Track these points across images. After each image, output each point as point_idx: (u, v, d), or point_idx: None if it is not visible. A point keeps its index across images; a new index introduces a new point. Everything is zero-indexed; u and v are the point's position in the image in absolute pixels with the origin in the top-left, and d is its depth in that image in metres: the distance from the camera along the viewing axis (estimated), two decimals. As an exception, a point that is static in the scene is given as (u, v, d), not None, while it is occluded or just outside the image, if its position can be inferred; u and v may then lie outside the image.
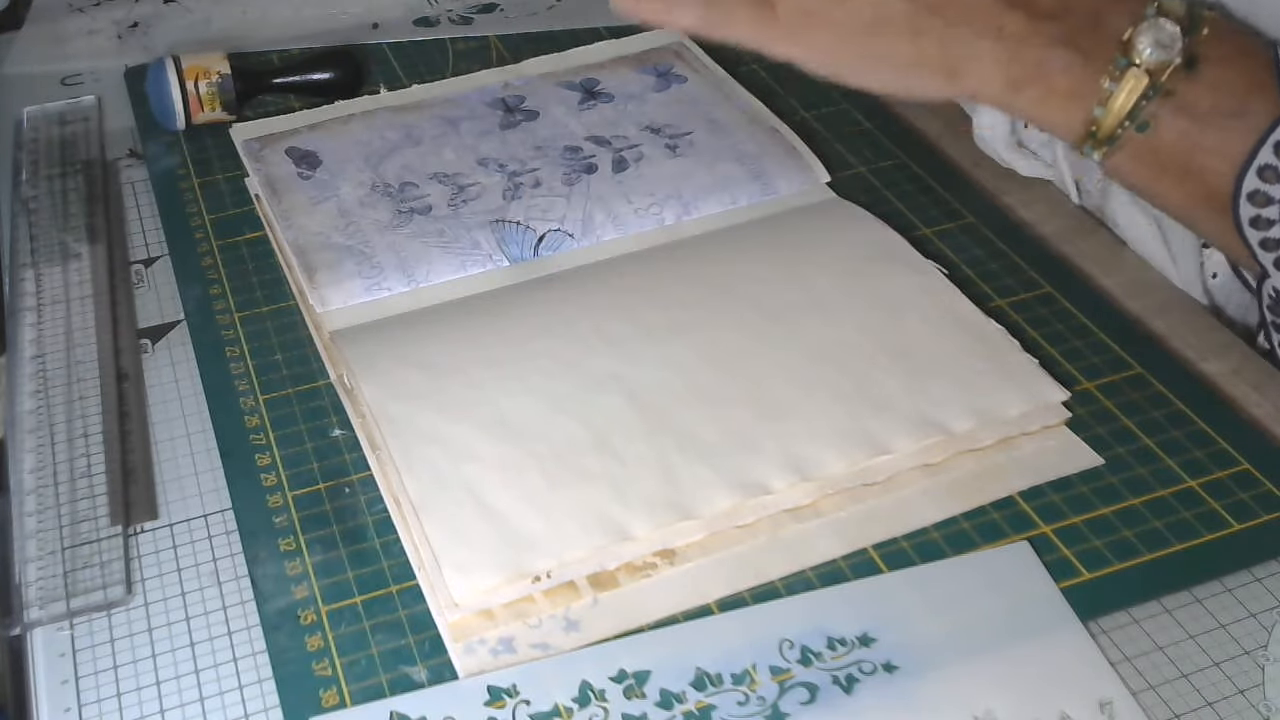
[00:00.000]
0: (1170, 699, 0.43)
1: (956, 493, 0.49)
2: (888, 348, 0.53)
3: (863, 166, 0.67)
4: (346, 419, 0.52)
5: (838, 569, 0.47)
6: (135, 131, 0.70)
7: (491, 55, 0.75)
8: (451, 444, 0.49)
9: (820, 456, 0.49)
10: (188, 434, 0.53)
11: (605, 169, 0.63)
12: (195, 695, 0.43)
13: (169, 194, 0.65)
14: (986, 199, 0.64)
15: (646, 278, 0.57)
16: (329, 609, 0.45)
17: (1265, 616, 0.45)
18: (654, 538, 0.46)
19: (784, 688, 0.43)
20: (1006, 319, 0.56)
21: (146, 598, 0.46)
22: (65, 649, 0.45)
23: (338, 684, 0.43)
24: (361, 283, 0.57)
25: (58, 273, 0.60)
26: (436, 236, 0.59)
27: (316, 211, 0.61)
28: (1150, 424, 0.52)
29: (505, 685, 0.43)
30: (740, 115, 0.67)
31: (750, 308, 0.55)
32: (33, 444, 0.51)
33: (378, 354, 0.53)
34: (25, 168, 0.67)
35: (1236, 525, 0.48)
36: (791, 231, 0.60)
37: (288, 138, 0.66)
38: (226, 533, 0.49)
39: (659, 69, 0.71)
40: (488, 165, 0.64)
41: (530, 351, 0.53)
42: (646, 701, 0.42)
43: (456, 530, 0.46)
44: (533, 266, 0.59)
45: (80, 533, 0.48)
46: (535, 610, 0.45)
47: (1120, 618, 0.45)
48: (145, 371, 0.56)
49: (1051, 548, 0.47)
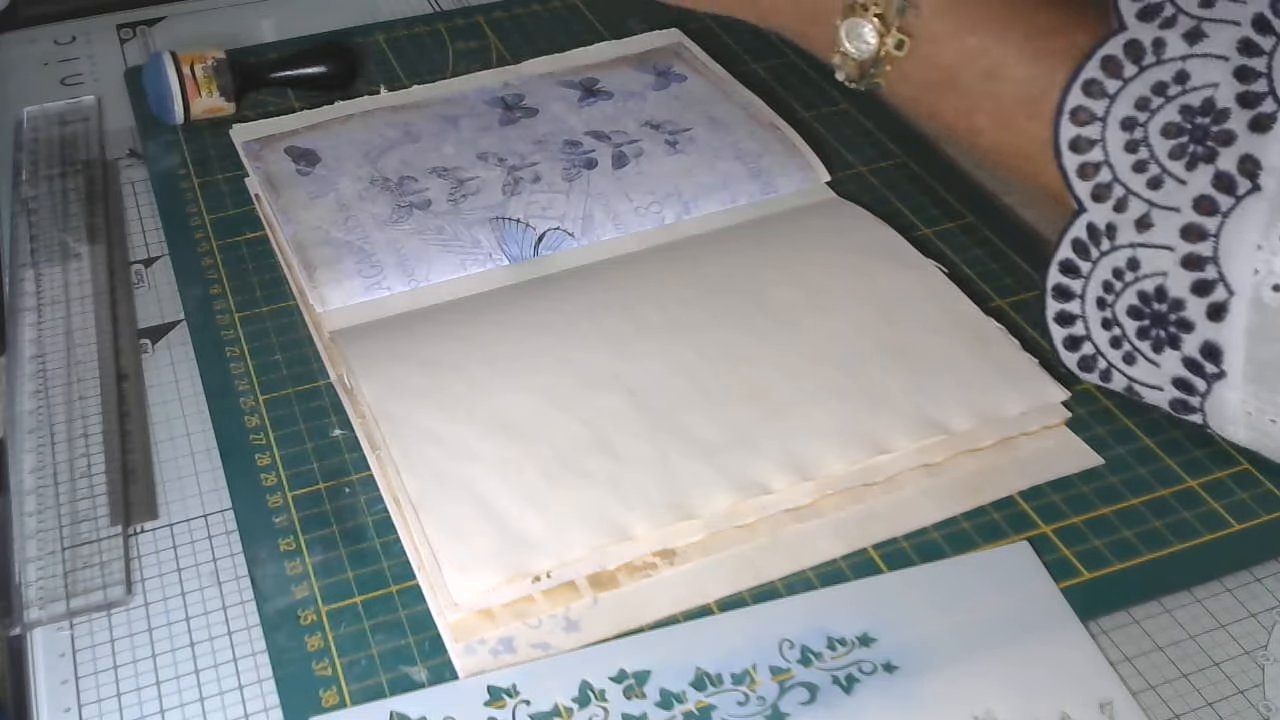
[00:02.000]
0: (1170, 699, 0.43)
1: (956, 493, 0.49)
2: (888, 347, 0.53)
3: (863, 166, 0.67)
4: (346, 419, 0.52)
5: (838, 569, 0.47)
6: (135, 131, 0.70)
7: (492, 56, 0.75)
8: (451, 443, 0.49)
9: (820, 456, 0.49)
10: (188, 434, 0.53)
11: (605, 165, 0.63)
12: (195, 695, 0.43)
13: (169, 194, 0.65)
14: (986, 199, 0.64)
15: (646, 276, 0.57)
16: (329, 609, 0.45)
17: (1265, 616, 0.45)
18: (654, 538, 0.46)
19: (784, 688, 0.43)
20: (1006, 319, 0.56)
21: (146, 598, 0.46)
22: (65, 649, 0.45)
23: (338, 684, 0.43)
24: (361, 282, 0.57)
25: (58, 273, 0.60)
26: (436, 234, 0.59)
27: (315, 206, 0.61)
28: (1150, 424, 0.52)
29: (505, 685, 0.43)
30: (740, 112, 0.67)
31: (751, 307, 0.55)
32: (33, 444, 0.51)
33: (377, 353, 0.53)
34: (25, 168, 0.67)
35: (1236, 525, 0.48)
36: (792, 231, 0.60)
37: (287, 138, 0.66)
38: (226, 533, 0.49)
39: (659, 68, 0.71)
40: (487, 160, 0.64)
41: (530, 350, 0.53)
42: (646, 701, 0.42)
43: (456, 530, 0.46)
44: (533, 265, 0.59)
45: (80, 533, 0.48)
46: (535, 610, 0.45)
47: (1120, 618, 0.45)
48: (145, 371, 0.56)
49: (1051, 548, 0.47)
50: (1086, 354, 0.44)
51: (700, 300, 0.55)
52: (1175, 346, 0.40)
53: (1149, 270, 0.41)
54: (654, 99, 0.68)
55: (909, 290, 0.56)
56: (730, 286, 0.56)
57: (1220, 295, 0.38)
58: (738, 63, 0.73)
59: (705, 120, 0.66)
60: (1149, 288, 0.40)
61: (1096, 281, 0.43)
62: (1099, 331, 0.44)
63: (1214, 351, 0.38)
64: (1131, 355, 0.41)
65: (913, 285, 0.56)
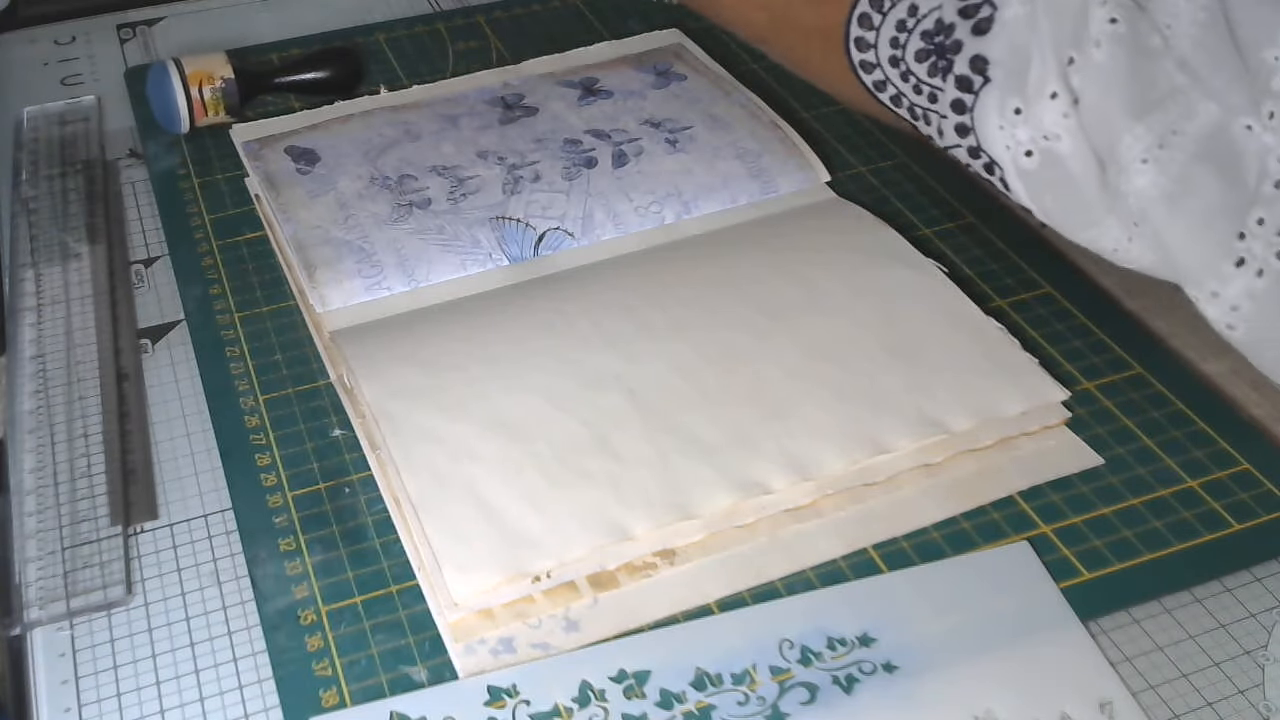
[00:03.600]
0: (1170, 699, 0.43)
1: (956, 492, 0.49)
2: (888, 347, 0.53)
3: (863, 166, 0.67)
4: (346, 419, 0.52)
5: (838, 569, 0.47)
6: (135, 131, 0.70)
7: (492, 56, 0.75)
8: (451, 443, 0.49)
9: (820, 456, 0.49)
10: (188, 434, 0.53)
11: (605, 163, 0.63)
12: (195, 695, 0.43)
13: (169, 194, 0.65)
14: (986, 199, 0.64)
15: (647, 276, 0.57)
16: (329, 609, 0.45)
17: (1265, 616, 0.45)
18: (654, 538, 0.46)
19: (784, 688, 0.43)
20: (1006, 319, 0.56)
21: (146, 598, 0.46)
22: (65, 649, 0.45)
23: (338, 684, 0.43)
24: (361, 282, 0.57)
25: (58, 273, 0.60)
26: (436, 234, 0.59)
27: (315, 205, 0.61)
28: (1150, 424, 0.52)
29: (505, 685, 0.43)
30: (740, 111, 0.67)
31: (751, 307, 0.55)
32: (33, 444, 0.51)
33: (377, 353, 0.53)
34: (25, 168, 0.67)
35: (1236, 525, 0.48)
36: (792, 231, 0.60)
37: (287, 138, 0.66)
38: (226, 533, 0.49)
39: (659, 68, 0.71)
40: (487, 158, 0.64)
41: (530, 350, 0.53)
42: (646, 701, 0.42)
43: (456, 530, 0.46)
44: (533, 266, 0.59)
45: (80, 533, 0.48)
46: (535, 610, 0.45)
47: (1120, 618, 0.45)
48: (145, 371, 0.56)
49: (1051, 548, 0.47)
50: (891, 93, 0.50)
51: (700, 300, 0.55)
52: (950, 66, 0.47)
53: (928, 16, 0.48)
54: (654, 98, 0.68)
55: (909, 290, 0.56)
56: (730, 286, 0.56)
57: (985, 159, 0.47)
58: (738, 62, 0.73)
59: (705, 119, 0.66)
60: (929, 25, 0.47)
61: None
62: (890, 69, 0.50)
63: (981, 63, 0.45)
64: (919, 86, 0.48)
65: (913, 285, 0.56)
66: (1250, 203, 0.40)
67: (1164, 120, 0.41)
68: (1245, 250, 0.41)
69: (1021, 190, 0.46)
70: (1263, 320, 0.42)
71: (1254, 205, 0.40)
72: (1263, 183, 0.40)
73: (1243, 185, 0.41)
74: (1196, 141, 0.41)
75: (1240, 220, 0.41)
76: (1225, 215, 0.41)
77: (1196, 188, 0.41)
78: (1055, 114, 0.43)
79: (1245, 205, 0.41)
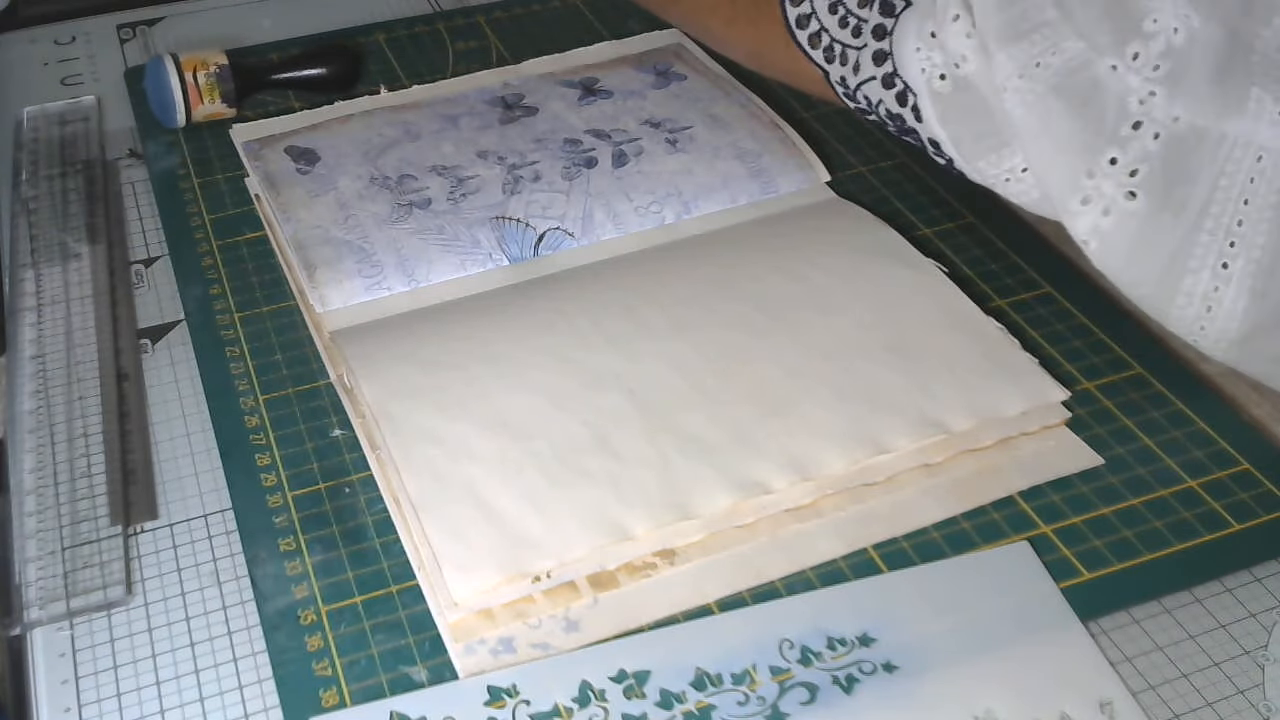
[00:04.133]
0: (1170, 699, 0.43)
1: (956, 493, 0.49)
2: (888, 347, 0.53)
3: (863, 166, 0.67)
4: (346, 419, 0.52)
5: (838, 569, 0.47)
6: (135, 131, 0.70)
7: (492, 56, 0.75)
8: (451, 443, 0.49)
9: (820, 456, 0.49)
10: (188, 434, 0.53)
11: (605, 163, 0.63)
12: (195, 695, 0.43)
13: (169, 194, 0.65)
14: (986, 199, 0.64)
15: (647, 276, 0.57)
16: (329, 609, 0.45)
17: (1265, 616, 0.45)
18: (654, 538, 0.46)
19: (784, 688, 0.43)
20: (1006, 319, 0.56)
21: (146, 598, 0.46)
22: (65, 649, 0.45)
23: (338, 684, 0.43)
24: (361, 282, 0.57)
25: (58, 273, 0.60)
26: (436, 234, 0.59)
27: (315, 205, 0.61)
28: (1150, 424, 0.52)
29: (505, 685, 0.43)
30: (740, 110, 0.67)
31: (751, 307, 0.55)
32: (33, 444, 0.51)
33: (377, 353, 0.53)
34: (25, 168, 0.67)
35: (1236, 525, 0.48)
36: (792, 230, 0.60)
37: (287, 137, 0.66)
38: (226, 533, 0.49)
39: (659, 68, 0.71)
40: (487, 158, 0.64)
41: (530, 349, 0.53)
42: (646, 701, 0.42)
43: (456, 530, 0.46)
44: (533, 265, 0.59)
45: (80, 533, 0.48)
46: (535, 610, 0.45)
47: (1120, 618, 0.45)
48: (145, 371, 0.56)
49: (1051, 548, 0.47)
50: (826, 44, 0.52)
51: (700, 299, 0.55)
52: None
53: None
54: (654, 98, 0.68)
55: (909, 290, 0.56)
56: (730, 286, 0.56)
57: (900, 87, 0.49)
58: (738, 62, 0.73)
59: (705, 119, 0.66)
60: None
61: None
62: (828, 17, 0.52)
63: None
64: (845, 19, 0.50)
65: (913, 285, 0.56)
66: (1107, 142, 0.41)
67: (1029, 51, 0.42)
68: (1093, 189, 0.42)
69: (933, 116, 0.47)
70: (1112, 258, 0.43)
71: (1109, 145, 0.41)
72: (1121, 124, 0.41)
73: (1099, 124, 0.41)
74: (1057, 75, 0.42)
75: (1092, 159, 0.41)
76: (1077, 152, 0.42)
77: (1050, 122, 0.42)
78: (960, 35, 0.45)
79: (1100, 145, 0.41)
